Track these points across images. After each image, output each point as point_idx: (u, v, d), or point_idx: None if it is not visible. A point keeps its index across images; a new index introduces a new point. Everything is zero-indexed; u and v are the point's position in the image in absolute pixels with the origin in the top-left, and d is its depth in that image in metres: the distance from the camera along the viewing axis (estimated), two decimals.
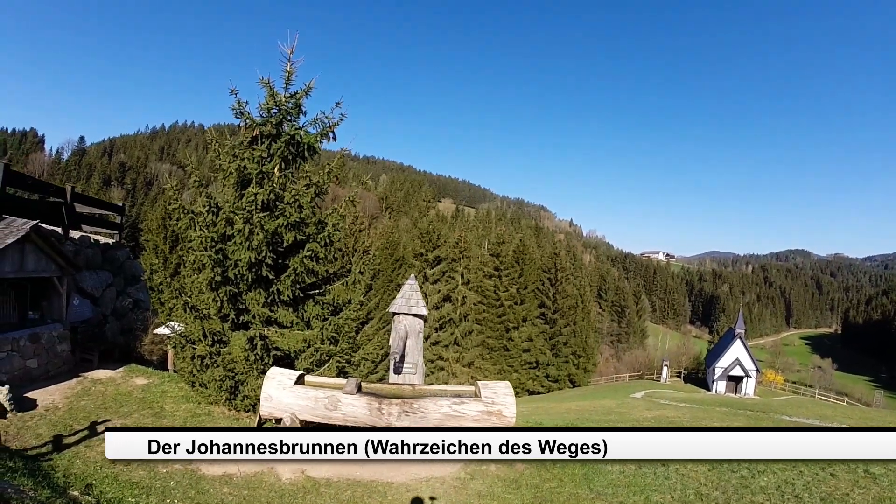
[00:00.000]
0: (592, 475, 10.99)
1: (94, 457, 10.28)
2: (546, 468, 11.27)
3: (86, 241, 19.64)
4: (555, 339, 66.92)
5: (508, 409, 10.79)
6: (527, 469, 11.19)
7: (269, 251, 12.93)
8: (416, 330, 13.05)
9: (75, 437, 11.15)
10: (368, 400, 10.55)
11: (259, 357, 12.44)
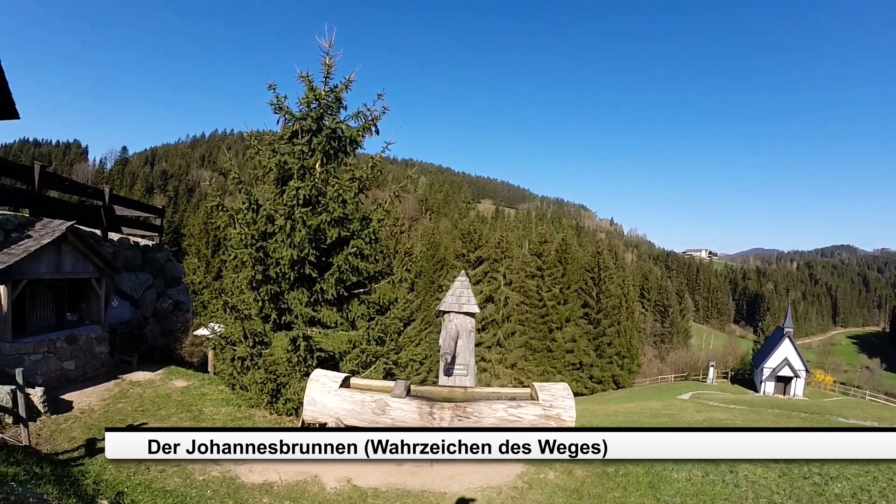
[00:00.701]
0: (658, 483, 10.20)
1: (128, 462, 9.64)
2: (608, 476, 10.46)
3: (125, 242, 19.28)
4: (598, 339, 65.85)
5: (567, 413, 9.92)
6: (588, 478, 10.37)
7: (311, 248, 12.27)
8: (468, 329, 12.19)
9: None
10: (419, 404, 9.77)
11: (302, 358, 11.74)
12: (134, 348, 16.70)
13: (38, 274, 13.44)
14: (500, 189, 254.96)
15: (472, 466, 10.16)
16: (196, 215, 72.23)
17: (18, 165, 15.69)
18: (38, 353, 13.40)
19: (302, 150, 12.82)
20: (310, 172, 12.83)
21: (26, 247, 12.97)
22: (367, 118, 13.63)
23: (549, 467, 10.30)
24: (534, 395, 10.31)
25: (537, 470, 10.18)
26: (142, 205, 23.24)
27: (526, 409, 9.77)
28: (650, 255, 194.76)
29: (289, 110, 13.17)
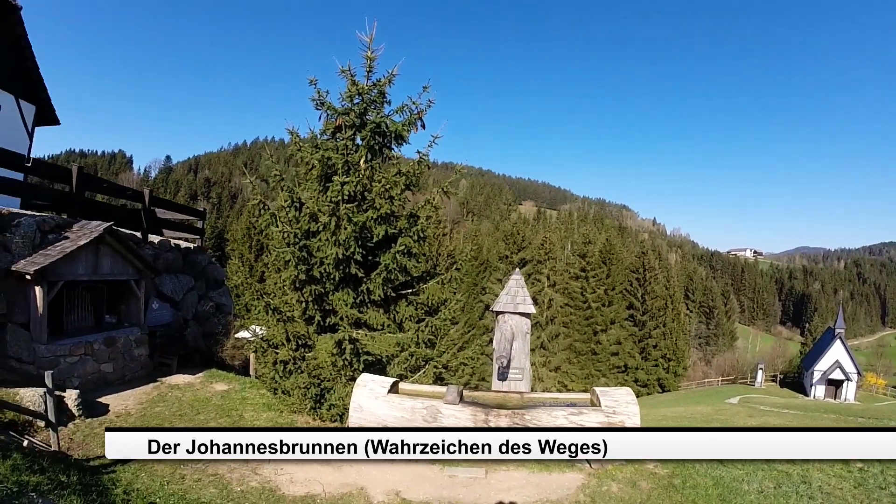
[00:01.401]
0: (729, 496, 9.14)
1: (162, 470, 9.09)
2: (675, 489, 9.37)
3: (166, 244, 18.85)
4: (644, 341, 64.44)
5: (632, 420, 9.16)
6: (654, 490, 9.33)
7: (357, 246, 11.60)
8: (523, 330, 11.36)
9: None
10: (473, 411, 9.00)
11: (348, 362, 11.03)
12: (174, 351, 16.24)
13: (74, 275, 13.01)
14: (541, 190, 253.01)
15: (528, 478, 9.40)
16: (239, 220, 72.78)
17: (57, 167, 15.37)
18: (75, 355, 12.99)
19: (346, 145, 12.23)
20: (354, 168, 12.12)
21: (63, 248, 12.58)
22: (413, 112, 12.91)
23: (611, 479, 9.38)
24: (595, 401, 9.65)
25: (599, 482, 9.23)
26: (183, 207, 22.91)
27: (588, 415, 9.07)
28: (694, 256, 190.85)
29: (331, 105, 12.56)
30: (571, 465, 9.57)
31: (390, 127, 12.66)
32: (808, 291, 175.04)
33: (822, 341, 66.92)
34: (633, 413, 9.17)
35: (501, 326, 11.19)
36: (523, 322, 11.37)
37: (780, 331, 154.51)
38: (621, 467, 9.70)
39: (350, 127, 12.37)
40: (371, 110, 12.55)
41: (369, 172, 12.44)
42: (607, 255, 66.16)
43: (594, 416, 9.06)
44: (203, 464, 9.22)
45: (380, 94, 12.61)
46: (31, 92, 16.43)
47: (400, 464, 9.52)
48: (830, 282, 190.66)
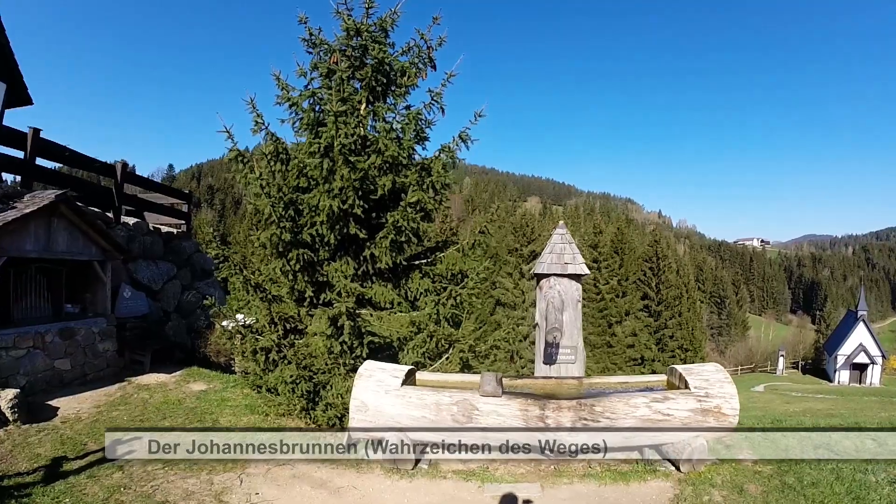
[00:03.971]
0: (860, 491, 6.87)
1: (96, 492, 6.73)
2: (792, 489, 6.94)
3: (142, 227, 16.43)
4: (660, 332, 61.85)
5: (729, 404, 6.85)
6: (769, 494, 6.89)
7: (357, 199, 8.98)
8: (574, 298, 8.73)
9: (83, 461, 7.73)
10: (523, 404, 6.45)
11: (347, 347, 8.37)
12: (146, 346, 13.68)
13: (21, 251, 10.69)
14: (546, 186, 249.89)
15: (599, 492, 6.88)
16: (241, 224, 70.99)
17: (9, 128, 12.83)
18: (21, 348, 10.68)
19: (341, 79, 9.53)
20: (353, 110, 9.49)
21: (4, 216, 10.16)
22: (421, 49, 10.28)
23: (709, 484, 6.86)
24: (676, 383, 7.50)
25: (695, 491, 6.71)
26: (164, 187, 20.22)
27: (676, 402, 6.86)
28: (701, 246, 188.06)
29: (325, 42, 9.96)
30: (653, 469, 6.99)
31: (395, 66, 10.06)
32: (818, 279, 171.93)
33: (843, 325, 64.25)
34: (731, 395, 6.87)
35: (546, 294, 8.56)
36: (573, 287, 8.76)
37: (790, 319, 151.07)
38: (716, 467, 7.18)
39: (348, 67, 9.76)
40: (372, 50, 9.92)
41: (371, 118, 9.87)
42: (619, 245, 63.63)
43: (684, 402, 6.73)
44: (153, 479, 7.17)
45: (382, 30, 10.00)
46: None
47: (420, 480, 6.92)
48: (839, 268, 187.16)
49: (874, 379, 55.64)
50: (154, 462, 7.55)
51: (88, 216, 12.31)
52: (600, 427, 6.34)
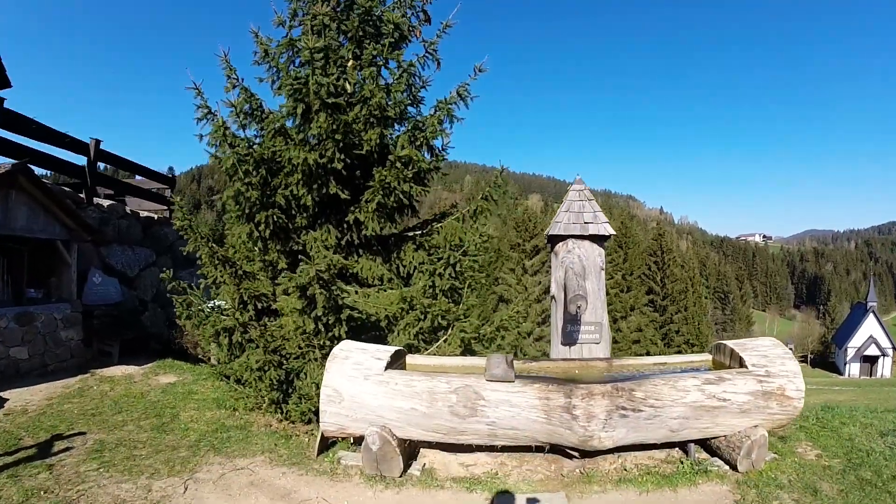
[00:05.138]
0: None
1: (11, 495, 5.50)
2: (877, 488, 5.56)
3: (118, 209, 14.94)
4: (665, 327, 60.44)
5: (794, 385, 5.50)
6: (848, 494, 5.54)
7: (338, 151, 7.54)
8: (597, 264, 7.21)
9: (11, 458, 6.43)
10: (542, 391, 5.00)
11: (324, 325, 6.87)
12: (115, 336, 12.26)
13: None
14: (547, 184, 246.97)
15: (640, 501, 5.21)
16: None
17: None
18: None
19: (323, 24, 8.13)
20: (338, 58, 8.05)
21: None
22: None
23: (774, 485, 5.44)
24: (726, 361, 6.14)
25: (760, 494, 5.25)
26: (143, 168, 18.60)
27: (733, 383, 5.48)
28: (704, 242, 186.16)
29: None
30: (703, 470, 5.51)
31: (385, 17, 8.66)
32: (821, 273, 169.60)
33: (852, 317, 62.81)
34: (794, 373, 5.65)
35: (564, 259, 7.03)
36: (595, 251, 7.26)
37: (794, 314, 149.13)
38: (777, 464, 5.73)
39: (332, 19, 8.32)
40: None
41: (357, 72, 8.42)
42: (623, 239, 62.12)
43: (742, 384, 5.48)
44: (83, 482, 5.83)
45: None
46: None
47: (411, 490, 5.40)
48: (842, 262, 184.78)
49: (885, 371, 54.28)
50: (91, 461, 6.25)
51: (52, 191, 11.03)
52: (644, 417, 4.89)
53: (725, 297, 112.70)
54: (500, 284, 57.17)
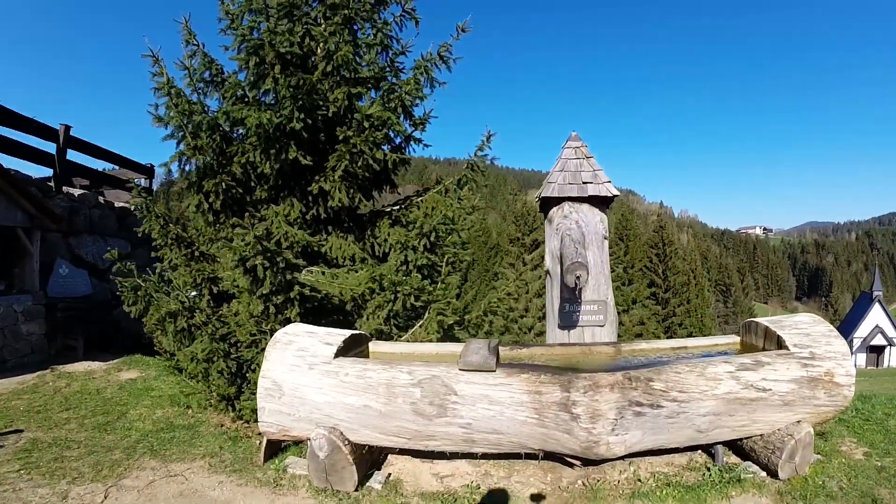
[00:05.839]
0: None
1: None
2: None
3: (90, 199, 13.96)
4: (668, 320, 59.25)
5: (843, 370, 4.39)
6: None
7: (297, 110, 6.42)
8: (599, 233, 6.00)
9: None
10: (531, 382, 3.88)
11: (276, 307, 5.72)
12: (80, 330, 11.33)
13: None
14: None
15: None
16: None
17: None
18: None
19: None
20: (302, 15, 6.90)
21: None
22: None
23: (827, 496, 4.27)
24: (759, 343, 4.88)
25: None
26: (116, 157, 17.44)
27: (774, 368, 4.26)
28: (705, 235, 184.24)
29: None
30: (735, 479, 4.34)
31: None
32: (822, 265, 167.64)
33: (857, 307, 61.27)
34: (843, 354, 4.45)
35: (560, 226, 5.80)
36: (596, 217, 6.07)
37: (796, 306, 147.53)
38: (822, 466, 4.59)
39: None
40: None
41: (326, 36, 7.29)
42: (623, 232, 61.05)
43: (784, 369, 4.27)
44: None
45: None
46: None
47: None
48: (843, 254, 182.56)
49: (892, 361, 52.82)
50: (15, 462, 5.46)
51: (12, 175, 10.29)
52: (665, 415, 3.76)
53: (727, 289, 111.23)
54: (499, 279, 56.15)
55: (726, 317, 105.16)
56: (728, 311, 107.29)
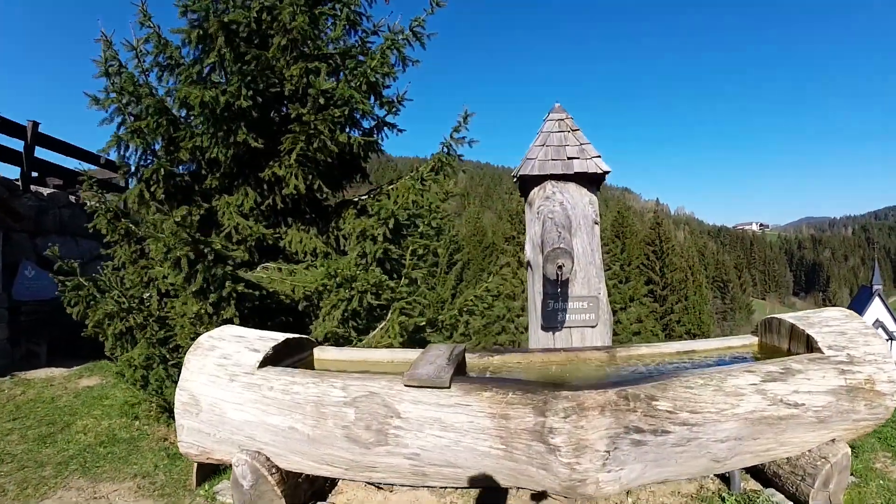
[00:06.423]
0: None
1: None
2: None
3: (60, 198, 13.22)
4: (666, 317, 58.49)
5: (885, 374, 3.42)
6: None
7: (245, 87, 5.60)
8: (588, 216, 5.04)
9: None
10: (495, 403, 2.92)
11: (215, 304, 4.88)
12: (45, 335, 10.74)
13: None
14: None
15: None
16: None
17: None
18: None
19: None
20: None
21: None
22: None
23: None
24: (784, 344, 3.91)
25: None
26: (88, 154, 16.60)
27: (807, 376, 3.27)
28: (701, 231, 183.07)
29: None
30: None
31: None
32: (819, 260, 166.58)
33: (856, 302, 60.03)
34: (883, 356, 3.52)
35: (541, 208, 4.81)
36: (584, 198, 5.11)
37: (793, 301, 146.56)
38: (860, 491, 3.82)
39: None
40: None
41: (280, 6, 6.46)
42: (620, 229, 60.22)
43: (820, 378, 3.31)
44: None
45: None
46: None
47: None
48: (840, 248, 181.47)
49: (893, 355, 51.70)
50: None
51: None
52: (673, 443, 2.86)
53: (725, 286, 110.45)
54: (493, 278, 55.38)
55: (724, 313, 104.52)
56: (726, 308, 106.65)
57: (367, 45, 6.99)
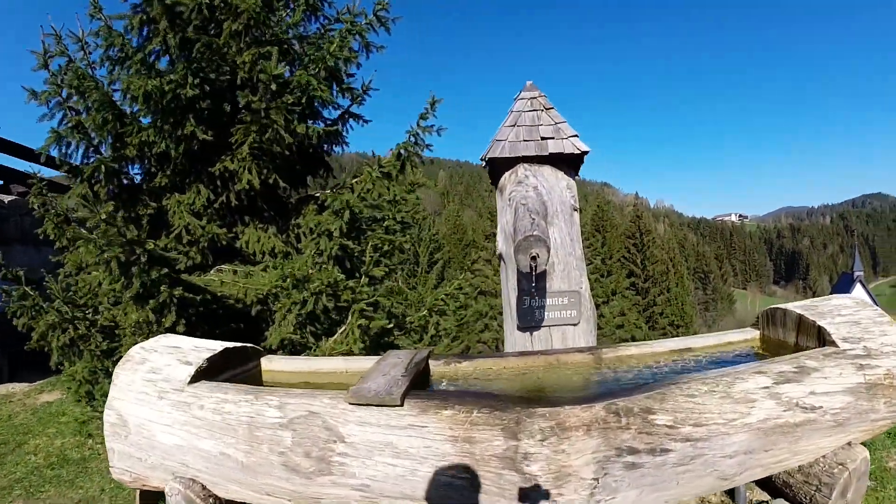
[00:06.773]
0: None
1: None
2: None
3: (22, 206, 12.69)
4: (649, 310, 58.56)
5: None
6: None
7: (191, 76, 5.17)
8: (566, 202, 4.51)
9: None
10: (456, 424, 2.32)
11: (155, 313, 4.38)
12: (4, 348, 10.00)
13: None
14: None
15: None
16: None
17: None
18: None
19: None
20: None
21: None
22: None
23: None
24: (790, 337, 3.31)
25: None
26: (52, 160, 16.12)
27: (823, 374, 2.68)
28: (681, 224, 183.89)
29: None
30: None
31: None
32: (798, 248, 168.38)
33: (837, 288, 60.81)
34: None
35: (513, 194, 4.22)
36: (561, 182, 4.55)
37: (774, 290, 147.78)
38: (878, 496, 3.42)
39: None
40: None
41: None
42: (600, 223, 60.24)
43: (837, 375, 2.72)
44: None
45: None
46: None
47: None
48: (819, 237, 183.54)
49: None
50: None
51: None
52: (673, 463, 2.33)
53: (706, 276, 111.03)
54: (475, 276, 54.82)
55: (706, 304, 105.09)
56: (708, 298, 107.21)
57: (329, 33, 6.60)
